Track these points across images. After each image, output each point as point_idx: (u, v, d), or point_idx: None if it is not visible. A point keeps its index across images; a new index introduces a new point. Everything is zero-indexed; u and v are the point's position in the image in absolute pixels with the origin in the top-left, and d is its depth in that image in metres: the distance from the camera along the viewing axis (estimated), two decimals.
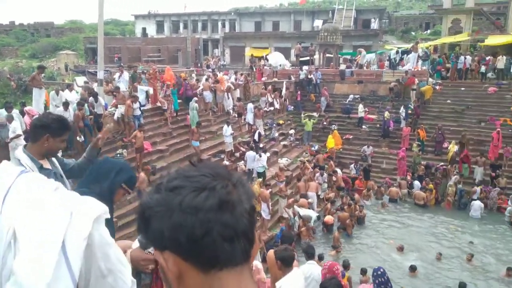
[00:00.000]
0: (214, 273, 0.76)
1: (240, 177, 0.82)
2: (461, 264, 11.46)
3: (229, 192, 0.77)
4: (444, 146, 18.17)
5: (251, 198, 0.82)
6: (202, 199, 0.75)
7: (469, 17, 30.67)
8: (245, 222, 0.77)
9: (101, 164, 2.43)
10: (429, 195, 15.83)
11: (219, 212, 0.75)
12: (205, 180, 0.78)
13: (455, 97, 21.42)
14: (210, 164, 0.87)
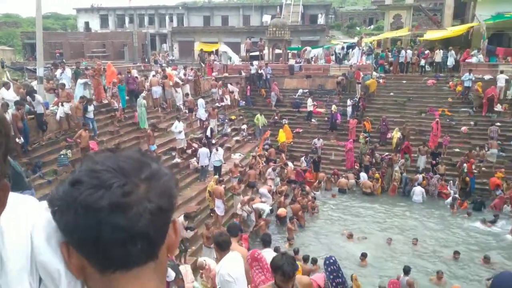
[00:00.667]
0: (109, 275, 0.74)
1: (154, 172, 0.76)
2: (408, 248, 12.11)
3: (126, 193, 0.72)
4: (388, 137, 19.05)
5: (163, 195, 0.76)
6: (95, 199, 0.70)
7: (409, 13, 32.23)
8: (144, 223, 0.72)
9: None
10: (375, 183, 16.54)
11: (110, 214, 0.70)
12: (105, 176, 0.72)
13: (397, 90, 22.47)
14: (124, 155, 0.79)
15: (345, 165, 18.51)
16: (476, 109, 19.87)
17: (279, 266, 2.98)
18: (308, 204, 14.36)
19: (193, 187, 14.24)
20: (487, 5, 26.41)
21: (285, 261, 2.98)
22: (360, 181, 17.02)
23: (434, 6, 47.03)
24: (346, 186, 16.88)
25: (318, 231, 13.38)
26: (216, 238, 4.62)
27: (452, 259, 11.20)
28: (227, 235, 4.77)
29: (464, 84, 20.31)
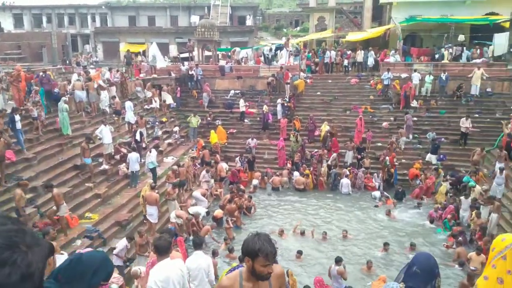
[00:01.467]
0: None
1: (31, 238, 0.93)
2: (340, 240, 12.65)
3: (29, 264, 0.88)
4: (316, 134, 19.81)
5: (44, 259, 0.95)
6: (5, 276, 0.84)
7: (332, 15, 33.78)
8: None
9: (75, 264, 1.97)
10: (306, 179, 17.10)
11: (22, 284, 0.86)
12: (4, 254, 0.87)
13: (324, 89, 23.44)
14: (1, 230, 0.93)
15: (278, 163, 18.92)
16: (395, 106, 21.35)
17: (258, 248, 2.48)
18: (244, 204, 14.45)
19: (124, 194, 13.68)
20: (401, 8, 28.50)
21: (262, 241, 2.50)
22: (293, 178, 17.48)
23: (354, 9, 49.68)
24: (280, 184, 17.26)
25: (253, 230, 13.49)
26: (155, 242, 4.71)
27: (383, 251, 11.70)
28: (166, 240, 4.66)
29: (384, 82, 21.73)
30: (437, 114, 20.63)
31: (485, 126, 19.43)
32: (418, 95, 21.60)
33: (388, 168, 17.27)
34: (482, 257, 10.26)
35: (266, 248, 2.47)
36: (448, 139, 19.28)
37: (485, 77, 20.67)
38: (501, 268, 2.17)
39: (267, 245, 2.48)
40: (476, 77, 20.55)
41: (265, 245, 2.48)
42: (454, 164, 17.80)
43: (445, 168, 17.32)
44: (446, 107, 20.95)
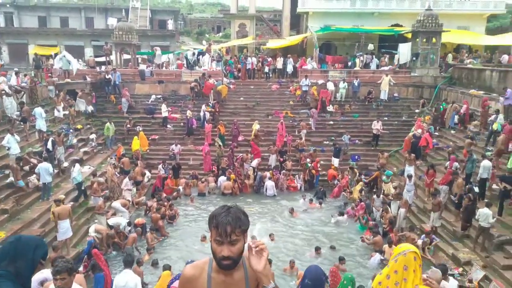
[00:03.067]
0: None
1: None
2: (267, 242, 12.87)
3: None
4: (240, 139, 20.06)
5: None
6: None
7: (252, 23, 34.50)
8: None
9: (16, 243, 2.28)
10: (233, 184, 17.21)
11: None
12: None
13: (246, 95, 23.84)
14: None
15: (203, 168, 18.81)
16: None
17: (213, 215, 1.99)
18: (166, 213, 14.11)
19: (35, 208, 12.61)
20: (317, 18, 30.08)
21: (225, 211, 1.96)
22: (220, 184, 17.46)
23: (274, 17, 51.36)
24: (206, 190, 17.16)
25: (178, 238, 13.25)
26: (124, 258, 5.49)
27: (314, 255, 11.82)
28: (130, 255, 4.90)
29: (302, 88, 22.71)
30: (351, 118, 22.04)
31: (393, 128, 21.18)
32: (334, 100, 22.90)
33: (310, 169, 18.03)
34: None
35: (222, 218, 1.92)
36: (362, 141, 20.69)
37: (392, 83, 22.56)
38: (391, 268, 2.63)
39: (225, 215, 1.93)
40: (384, 83, 22.34)
41: (222, 215, 1.94)
42: (367, 164, 19.11)
43: (359, 168, 18.54)
44: (359, 111, 22.47)
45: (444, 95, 22.31)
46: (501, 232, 11.10)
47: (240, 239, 1.96)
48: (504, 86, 17.88)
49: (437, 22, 23.51)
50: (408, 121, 21.19)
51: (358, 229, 13.99)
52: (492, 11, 30.42)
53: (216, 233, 1.94)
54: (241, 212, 2.01)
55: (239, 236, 1.95)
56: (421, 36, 23.61)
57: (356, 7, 30.18)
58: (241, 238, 1.97)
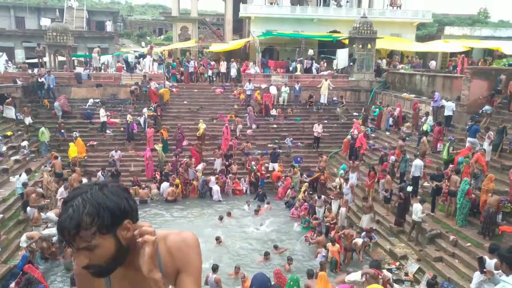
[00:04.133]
0: None
1: None
2: (213, 247, 12.70)
3: None
4: (184, 144, 19.78)
5: None
6: None
7: (194, 26, 34.22)
8: None
9: None
10: (175, 189, 16.91)
11: None
12: None
13: (190, 98, 23.57)
14: None
15: (145, 174, 18.31)
16: (257, 114, 22.64)
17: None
18: None
19: None
20: (259, 23, 30.50)
21: (68, 205, 1.33)
22: (163, 190, 17.06)
23: (217, 21, 51.34)
24: (148, 197, 16.70)
25: None
26: None
27: (263, 261, 11.81)
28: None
29: (246, 92, 22.88)
30: (293, 121, 22.57)
31: (333, 131, 21.98)
32: (277, 104, 23.31)
33: (255, 172, 18.18)
34: (336, 247, 11.53)
35: (61, 218, 1.32)
36: (304, 143, 21.24)
37: (331, 87, 23.40)
38: None
39: (64, 213, 1.32)
40: (324, 88, 23.12)
41: (64, 212, 1.33)
42: (309, 165, 19.63)
43: (301, 169, 19.02)
44: (300, 115, 23.07)
45: (379, 99, 23.53)
46: (433, 226, 11.89)
47: (96, 240, 1.32)
48: (432, 89, 19.23)
49: (371, 29, 24.78)
50: (347, 124, 22.08)
51: (302, 230, 14.31)
52: (420, 19, 32.63)
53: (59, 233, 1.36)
54: (95, 200, 1.33)
55: (90, 238, 1.31)
56: (357, 42, 24.74)
57: (296, 13, 31.00)
58: (98, 238, 1.32)
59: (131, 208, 1.43)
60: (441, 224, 11.95)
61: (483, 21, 43.47)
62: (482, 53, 30.88)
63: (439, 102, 17.68)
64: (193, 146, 19.11)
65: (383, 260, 11.30)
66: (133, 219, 1.44)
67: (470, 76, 16.93)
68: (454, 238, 10.94)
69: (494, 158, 13.43)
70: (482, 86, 16.74)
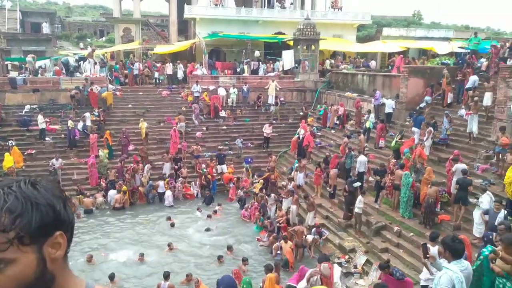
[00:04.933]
0: None
1: None
2: (164, 254, 12.40)
3: None
4: (130, 149, 19.20)
5: None
6: None
7: (138, 27, 33.34)
8: None
9: None
10: (123, 196, 16.34)
11: None
12: None
13: (135, 102, 22.91)
14: None
15: (90, 182, 17.54)
16: (206, 116, 22.47)
17: None
18: None
19: None
20: (204, 24, 30.32)
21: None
22: (110, 198, 16.41)
23: (161, 22, 50.32)
24: (93, 206, 15.98)
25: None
26: None
27: (218, 264, 11.62)
28: None
29: (194, 94, 22.63)
30: (242, 122, 22.65)
31: (281, 131, 22.31)
32: (226, 105, 23.28)
33: (205, 175, 18.00)
34: (289, 244, 11.70)
35: None
36: (254, 144, 21.38)
37: (278, 88, 23.75)
38: None
39: None
40: (271, 89, 23.42)
41: None
42: (260, 165, 19.77)
43: (253, 170, 19.13)
44: (249, 116, 23.20)
45: (324, 98, 24.22)
46: (378, 219, 12.41)
47: (12, 252, 0.94)
48: (373, 88, 20.09)
49: (315, 31, 25.45)
50: (294, 123, 22.51)
51: (254, 230, 14.38)
52: (360, 21, 34.03)
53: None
54: (23, 193, 0.98)
55: (5, 246, 0.93)
56: (301, 44, 25.31)
57: (241, 15, 31.16)
58: (15, 250, 0.94)
59: (68, 218, 1.05)
60: (385, 217, 12.51)
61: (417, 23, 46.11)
62: (418, 52, 32.77)
63: (379, 100, 18.51)
64: (137, 153, 18.56)
65: (333, 255, 11.64)
66: (68, 234, 1.05)
67: (407, 74, 17.88)
68: (398, 229, 11.49)
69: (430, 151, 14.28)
70: (418, 83, 17.75)
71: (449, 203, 11.53)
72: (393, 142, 15.15)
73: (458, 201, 10.76)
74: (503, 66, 13.89)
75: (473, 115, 13.51)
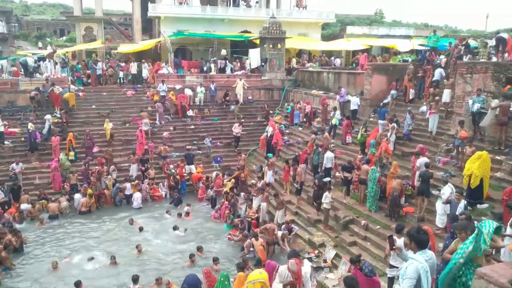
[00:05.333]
0: None
1: None
2: (134, 256, 12.14)
3: None
4: (95, 151, 18.69)
5: None
6: None
7: (100, 26, 32.46)
8: None
9: None
10: (89, 199, 15.89)
11: None
12: None
13: (99, 102, 22.30)
14: None
15: (53, 187, 16.93)
16: (173, 115, 22.18)
17: None
18: (11, 241, 12.25)
19: None
20: (169, 23, 29.88)
21: None
22: (76, 202, 15.90)
23: (124, 21, 49.26)
24: (58, 210, 15.43)
25: (27, 269, 11.62)
26: None
27: (190, 264, 11.45)
28: None
29: (160, 94, 22.28)
30: (211, 121, 22.52)
31: (250, 129, 22.35)
32: (193, 104, 23.06)
33: (174, 176, 17.78)
34: (260, 241, 11.74)
35: None
36: (223, 143, 21.30)
37: (246, 86, 23.77)
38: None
39: None
40: (239, 87, 23.42)
41: None
42: (229, 164, 19.73)
43: (222, 169, 19.07)
44: (218, 115, 23.10)
45: (291, 96, 24.45)
46: (346, 213, 12.67)
47: None
48: (339, 85, 20.46)
49: (280, 29, 25.63)
50: (263, 122, 22.61)
51: (225, 229, 14.33)
52: (325, 20, 34.53)
53: None
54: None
55: None
56: (268, 42, 25.43)
57: (206, 13, 30.94)
58: None
59: None
60: (353, 211, 12.78)
61: (380, 21, 47.38)
62: (380, 50, 33.64)
63: (345, 97, 18.88)
64: (102, 155, 18.09)
65: (303, 250, 11.78)
66: None
67: (371, 72, 18.33)
68: (365, 223, 11.77)
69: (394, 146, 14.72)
70: (381, 80, 18.23)
71: (413, 195, 11.92)
72: (359, 136, 15.57)
73: (421, 194, 11.14)
74: (461, 63, 14.47)
75: (435, 114, 14.00)
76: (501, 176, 11.01)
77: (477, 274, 3.54)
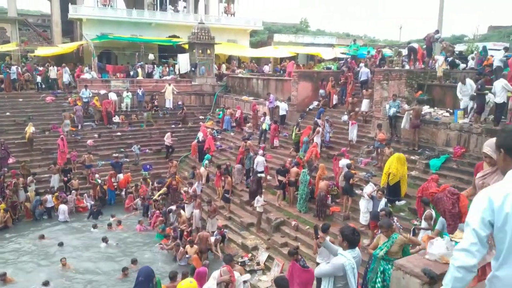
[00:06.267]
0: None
1: None
2: (59, 270, 11.39)
3: None
4: (10, 162, 17.23)
5: None
6: None
7: (14, 27, 30.02)
8: None
9: None
10: (4, 214, 14.58)
11: None
12: None
13: (14, 109, 20.64)
14: None
15: None
16: (98, 122, 21.17)
17: None
18: None
19: None
20: (92, 26, 28.56)
21: None
22: None
23: (42, 22, 45.98)
24: None
25: None
26: None
27: (123, 277, 11.04)
28: None
29: (83, 99, 21.15)
30: (138, 128, 21.83)
31: (181, 135, 22.03)
32: (119, 110, 22.20)
33: (101, 186, 16.96)
34: (195, 248, 11.61)
35: None
36: (152, 150, 20.74)
37: (176, 92, 23.43)
38: None
39: None
40: (168, 92, 23.03)
41: None
42: (160, 172, 19.27)
43: (152, 177, 18.56)
44: (145, 120, 22.42)
45: (222, 102, 24.56)
46: (277, 215, 12.99)
47: None
48: (267, 92, 20.97)
49: (209, 35, 25.68)
50: (194, 127, 22.42)
51: (156, 238, 13.96)
52: (253, 27, 35.23)
53: None
54: None
55: None
56: (197, 48, 25.33)
57: (132, 17, 30.06)
58: None
59: None
60: (283, 212, 13.15)
61: (305, 30, 49.24)
62: (306, 58, 35.05)
63: (274, 103, 19.40)
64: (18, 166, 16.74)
65: (237, 254, 11.87)
66: None
67: (297, 79, 19.05)
68: (295, 224, 12.16)
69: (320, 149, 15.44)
70: (307, 87, 19.03)
71: (339, 195, 12.58)
72: (293, 135, 16.22)
73: (346, 193, 11.80)
74: (378, 70, 15.62)
75: (355, 124, 14.91)
76: (415, 175, 12.05)
77: (395, 265, 3.87)
